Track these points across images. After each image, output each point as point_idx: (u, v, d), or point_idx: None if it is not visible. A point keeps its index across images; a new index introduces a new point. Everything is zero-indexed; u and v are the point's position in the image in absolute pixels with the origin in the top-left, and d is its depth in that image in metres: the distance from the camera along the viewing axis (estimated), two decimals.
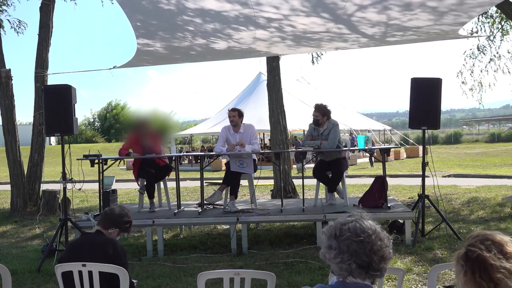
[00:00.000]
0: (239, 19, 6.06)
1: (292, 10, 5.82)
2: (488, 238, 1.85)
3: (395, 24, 6.33)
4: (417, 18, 6.07)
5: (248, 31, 6.47)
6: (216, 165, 24.49)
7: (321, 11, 5.89)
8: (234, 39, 6.82)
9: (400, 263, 5.68)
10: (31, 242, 7.95)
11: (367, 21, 6.17)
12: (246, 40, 6.84)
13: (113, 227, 3.56)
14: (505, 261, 1.79)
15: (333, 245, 1.90)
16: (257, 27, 6.31)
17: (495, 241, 1.84)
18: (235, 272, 3.01)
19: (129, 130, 7.97)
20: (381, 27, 6.47)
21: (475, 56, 13.41)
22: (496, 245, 1.83)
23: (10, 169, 10.40)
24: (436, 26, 6.39)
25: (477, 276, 1.80)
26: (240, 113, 7.37)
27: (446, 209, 8.89)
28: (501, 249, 1.82)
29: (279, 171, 10.19)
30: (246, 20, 6.09)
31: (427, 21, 6.18)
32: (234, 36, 6.70)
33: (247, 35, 6.65)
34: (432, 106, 6.72)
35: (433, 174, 6.70)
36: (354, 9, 5.76)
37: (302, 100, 28.51)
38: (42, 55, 10.47)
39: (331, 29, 6.44)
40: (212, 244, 7.17)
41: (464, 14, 5.96)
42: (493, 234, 1.89)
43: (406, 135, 37.78)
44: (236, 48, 7.30)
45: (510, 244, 1.85)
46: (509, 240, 1.88)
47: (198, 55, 7.72)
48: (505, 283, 1.77)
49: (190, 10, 5.83)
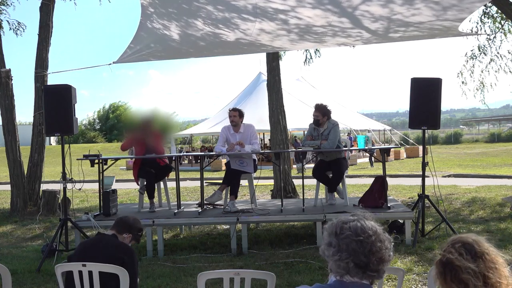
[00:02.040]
0: (247, 8, 6.12)
1: (298, 1, 5.87)
2: (459, 241, 1.90)
3: (397, 20, 6.35)
4: (420, 13, 6.09)
5: (253, 22, 6.50)
6: (216, 165, 24.48)
7: (326, 3, 5.95)
8: (241, 30, 6.84)
9: (400, 263, 5.68)
10: (31, 242, 7.95)
11: (370, 15, 6.19)
12: (252, 31, 6.86)
13: (127, 233, 3.67)
14: (472, 261, 1.84)
15: (333, 242, 1.91)
16: (263, 18, 6.36)
17: (466, 242, 1.89)
18: (235, 272, 3.01)
19: (132, 129, 7.97)
20: (384, 21, 6.48)
21: (476, 57, 13.40)
22: (466, 246, 1.88)
23: (10, 169, 10.39)
24: (438, 22, 6.40)
25: (448, 279, 1.86)
26: (241, 113, 7.37)
27: (446, 209, 8.89)
28: (470, 249, 1.87)
29: (279, 171, 10.19)
30: (254, 10, 6.14)
31: (429, 16, 6.19)
32: (241, 27, 6.74)
33: (252, 26, 6.67)
34: (432, 106, 6.71)
35: (433, 174, 6.70)
36: (359, 1, 5.81)
37: (302, 100, 28.50)
38: (42, 55, 10.46)
39: (335, 23, 6.46)
40: (212, 244, 7.17)
41: (465, 9, 5.98)
42: (465, 236, 1.94)
43: (406, 135, 37.76)
44: (243, 41, 7.30)
45: (481, 244, 1.90)
46: (481, 240, 1.92)
47: (205, 48, 7.70)
48: (473, 284, 1.81)
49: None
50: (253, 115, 21.10)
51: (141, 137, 7.35)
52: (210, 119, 33.74)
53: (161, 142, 7.49)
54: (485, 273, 1.83)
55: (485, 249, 1.88)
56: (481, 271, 1.83)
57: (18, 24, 11.59)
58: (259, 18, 6.38)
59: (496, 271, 1.86)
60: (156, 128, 7.52)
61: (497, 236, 6.79)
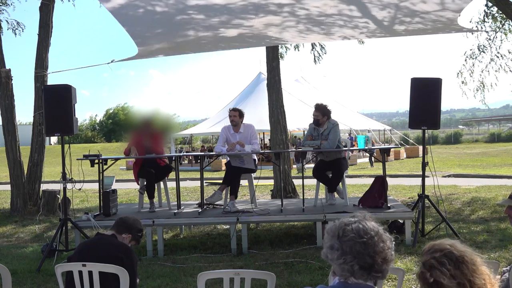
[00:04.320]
0: (248, 7, 5.98)
1: None
2: (437, 249, 1.92)
3: (405, 7, 6.30)
4: (427, 1, 6.03)
5: (259, 18, 6.39)
6: (216, 165, 24.48)
7: None
8: (245, 26, 6.75)
9: (400, 263, 5.68)
10: (31, 242, 7.95)
11: (379, 1, 6.14)
12: (258, 26, 6.80)
13: (127, 233, 3.66)
14: (455, 269, 1.86)
15: (335, 245, 1.90)
16: (267, 14, 6.25)
17: (444, 249, 1.91)
18: (235, 272, 3.01)
19: (132, 129, 7.97)
20: (391, 9, 6.44)
21: (475, 56, 13.40)
22: (446, 254, 1.89)
23: (10, 169, 10.39)
24: (442, 13, 6.37)
25: None
26: (241, 113, 7.38)
27: (446, 209, 8.88)
28: (451, 257, 1.89)
29: (279, 171, 10.19)
30: (256, 8, 6.02)
31: (436, 4, 6.14)
32: (245, 24, 6.63)
33: (258, 22, 6.59)
34: (432, 106, 6.71)
35: (433, 174, 6.70)
36: None
37: (302, 100, 28.52)
38: (42, 55, 10.46)
39: (343, 11, 6.40)
40: (212, 244, 7.17)
41: None
42: (440, 243, 1.95)
43: (406, 135, 37.78)
44: (249, 34, 7.24)
45: (457, 247, 1.92)
46: (455, 243, 1.94)
47: (208, 43, 7.65)
48: None
49: (191, 7, 5.73)
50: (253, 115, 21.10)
51: (140, 138, 7.34)
52: (210, 119, 33.76)
53: (161, 143, 7.49)
54: (470, 278, 1.85)
55: (463, 252, 1.91)
56: (467, 277, 1.85)
57: (17, 24, 11.60)
58: (263, 13, 6.24)
59: (478, 271, 1.88)
60: (156, 129, 7.52)
61: (497, 236, 6.79)
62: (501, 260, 5.52)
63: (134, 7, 5.52)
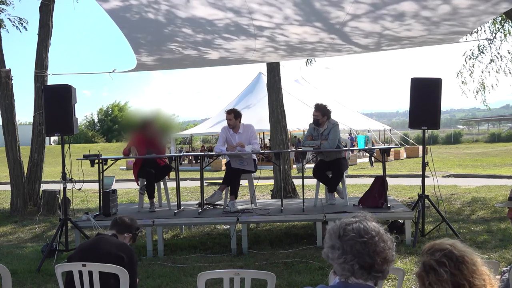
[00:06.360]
0: (230, 28, 5.89)
1: (285, 19, 5.64)
2: (438, 249, 1.93)
3: (389, 35, 6.20)
4: (411, 29, 5.94)
5: (240, 41, 6.33)
6: (216, 165, 24.48)
7: (314, 20, 5.74)
8: (225, 49, 6.71)
9: (400, 263, 5.68)
10: (31, 242, 7.95)
11: (360, 31, 6.00)
12: (238, 50, 6.76)
13: (128, 232, 3.77)
14: (455, 269, 1.88)
15: (336, 245, 1.90)
16: (249, 36, 6.16)
17: (444, 249, 1.92)
18: (235, 272, 3.01)
19: (132, 129, 7.97)
20: (375, 37, 6.34)
21: (475, 57, 13.40)
22: (446, 254, 1.91)
23: (10, 169, 10.40)
24: (431, 36, 6.29)
25: None
26: (237, 115, 7.34)
27: (446, 209, 8.88)
28: (451, 256, 1.90)
29: (279, 171, 10.20)
30: (238, 29, 5.93)
31: (421, 31, 6.06)
32: (224, 46, 6.58)
33: (239, 45, 6.52)
34: (432, 106, 6.71)
35: (433, 174, 6.70)
36: (348, 18, 5.56)
37: (302, 100, 28.50)
38: (42, 55, 10.47)
39: (325, 39, 6.33)
40: (212, 244, 7.17)
41: (459, 24, 5.80)
42: (441, 242, 1.97)
43: (406, 135, 37.77)
44: (230, 58, 7.22)
45: (458, 247, 1.93)
46: (456, 242, 1.95)
47: (192, 63, 7.68)
48: None
49: (180, 19, 5.68)
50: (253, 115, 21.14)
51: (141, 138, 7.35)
52: (210, 119, 33.77)
53: (162, 143, 7.51)
54: (469, 279, 1.86)
55: (463, 252, 1.91)
56: (466, 277, 1.85)
57: (20, 20, 11.58)
58: (244, 36, 6.15)
59: (478, 271, 1.89)
60: (157, 129, 7.53)
61: (498, 236, 6.79)
62: (501, 260, 5.52)
63: (130, 11, 5.51)
